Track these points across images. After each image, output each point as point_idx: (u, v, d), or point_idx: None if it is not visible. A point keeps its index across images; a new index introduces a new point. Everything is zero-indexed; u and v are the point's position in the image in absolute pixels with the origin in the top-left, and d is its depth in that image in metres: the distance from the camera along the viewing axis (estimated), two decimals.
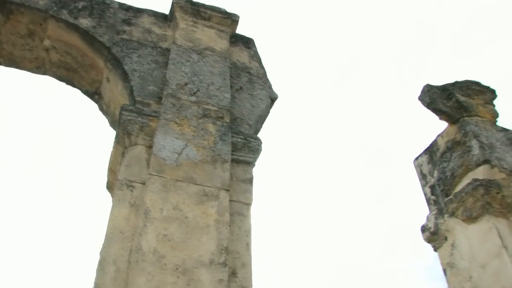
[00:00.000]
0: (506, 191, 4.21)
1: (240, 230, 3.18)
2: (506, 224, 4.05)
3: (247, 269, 3.06)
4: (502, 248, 3.80)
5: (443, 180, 4.74)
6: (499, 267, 3.76)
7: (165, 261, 2.73)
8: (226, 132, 3.48)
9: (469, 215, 4.19)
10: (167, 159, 3.16)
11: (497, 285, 3.74)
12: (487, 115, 4.97)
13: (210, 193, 3.12)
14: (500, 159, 4.49)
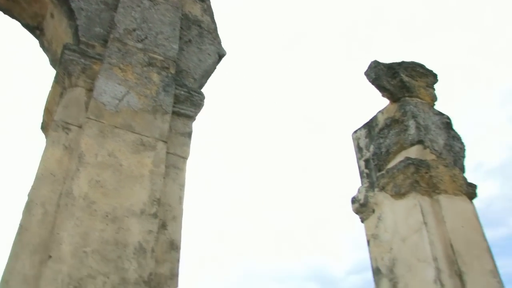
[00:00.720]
0: (434, 172, 4.40)
1: (174, 183, 3.18)
2: (429, 202, 4.26)
3: (178, 223, 3.08)
4: (423, 224, 4.00)
5: (378, 155, 4.90)
6: (417, 241, 3.97)
7: (95, 207, 2.69)
8: (170, 83, 3.42)
9: (398, 191, 4.37)
10: (107, 104, 3.08)
11: (413, 257, 3.95)
12: (426, 98, 5.13)
13: (148, 143, 3.08)
14: (432, 141, 4.67)
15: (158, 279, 2.80)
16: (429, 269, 3.78)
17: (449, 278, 3.83)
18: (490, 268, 4.24)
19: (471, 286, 3.92)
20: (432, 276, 3.74)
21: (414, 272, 3.88)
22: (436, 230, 4.07)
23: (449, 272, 3.88)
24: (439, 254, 3.91)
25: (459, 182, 4.51)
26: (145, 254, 2.70)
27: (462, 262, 4.00)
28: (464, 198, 4.47)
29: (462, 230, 4.23)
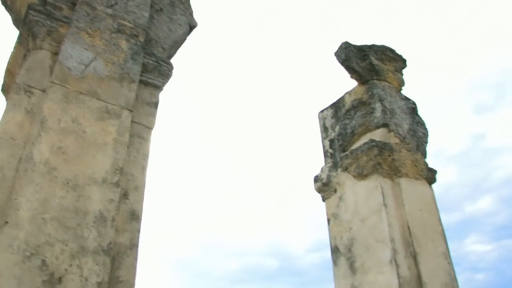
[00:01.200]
0: (396, 155, 4.48)
1: (138, 153, 3.14)
2: (390, 185, 4.35)
3: (140, 193, 3.06)
4: (383, 205, 4.08)
5: (343, 136, 4.94)
6: (376, 222, 4.06)
7: (56, 174, 2.63)
8: (138, 52, 3.35)
9: (360, 172, 4.43)
10: (72, 69, 3.00)
11: (371, 238, 4.04)
12: (394, 82, 5.19)
13: (113, 111, 3.03)
14: (397, 125, 4.74)
15: (117, 249, 2.79)
16: (385, 250, 3.88)
17: (404, 259, 3.95)
18: (443, 250, 4.38)
19: (424, 266, 4.04)
20: (388, 256, 3.84)
21: (371, 252, 3.97)
22: (395, 212, 4.16)
23: (405, 253, 3.99)
24: (396, 235, 4.01)
25: (420, 166, 4.61)
26: (105, 223, 2.68)
27: (417, 244, 4.12)
28: (424, 183, 4.58)
29: (420, 214, 4.34)
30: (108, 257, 2.62)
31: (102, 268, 2.57)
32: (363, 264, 3.99)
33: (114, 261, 2.74)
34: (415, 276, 3.96)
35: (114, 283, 2.70)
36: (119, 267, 2.77)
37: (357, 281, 3.98)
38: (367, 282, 3.90)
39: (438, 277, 4.15)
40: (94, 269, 2.53)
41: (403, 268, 3.87)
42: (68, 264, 2.44)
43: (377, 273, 3.85)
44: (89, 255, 2.53)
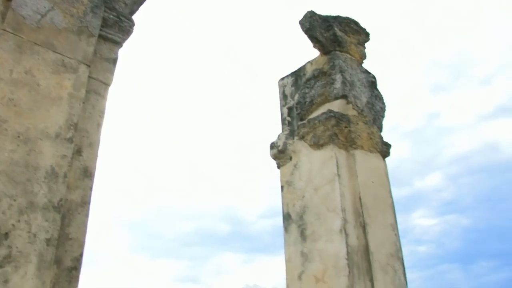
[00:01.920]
0: (353, 127, 4.54)
1: (93, 109, 3.06)
2: (345, 156, 4.42)
3: (94, 150, 3.00)
4: (336, 176, 4.15)
5: (301, 104, 4.96)
6: (329, 192, 4.13)
7: (6, 127, 2.54)
8: (99, 5, 3.21)
9: (317, 141, 4.48)
10: (27, 18, 2.86)
11: (323, 206, 4.12)
12: (356, 55, 5.22)
13: (69, 64, 2.92)
14: (356, 98, 4.79)
15: (68, 205, 2.74)
16: (336, 219, 3.97)
17: (354, 229, 4.05)
18: (391, 222, 4.52)
19: (372, 236, 4.17)
20: (338, 225, 3.93)
21: (322, 220, 4.05)
22: (348, 183, 4.25)
23: (354, 223, 4.10)
24: (347, 205, 4.10)
25: (375, 140, 4.70)
26: (57, 179, 2.62)
27: (367, 215, 4.23)
28: (377, 156, 4.68)
29: (372, 186, 4.44)
30: (58, 214, 2.57)
31: (51, 224, 2.53)
32: (314, 232, 4.08)
33: (65, 218, 2.69)
34: (363, 246, 4.08)
35: (63, 240, 2.67)
36: (70, 224, 2.73)
37: (306, 248, 4.07)
38: (317, 249, 3.99)
39: (384, 248, 4.29)
40: (43, 225, 2.48)
41: (352, 237, 3.98)
42: (16, 220, 2.38)
43: (327, 241, 3.95)
44: (38, 211, 2.48)
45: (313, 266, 3.96)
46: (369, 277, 3.99)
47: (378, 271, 4.07)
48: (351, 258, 3.84)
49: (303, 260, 4.04)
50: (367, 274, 3.99)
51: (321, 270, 3.90)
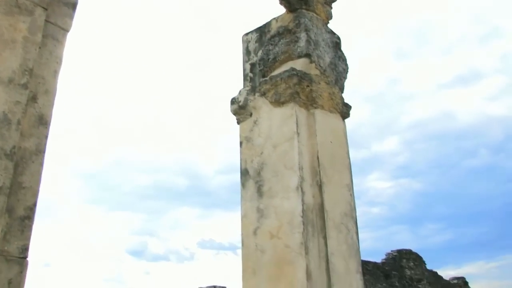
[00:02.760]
0: (315, 87, 4.55)
1: (50, 56, 2.94)
2: (305, 114, 4.44)
3: (50, 97, 2.90)
4: (295, 134, 4.17)
5: (264, 61, 4.92)
6: (287, 149, 4.16)
7: None
8: None
9: (278, 99, 4.46)
10: None
11: (280, 163, 4.16)
12: (322, 15, 5.17)
13: (24, 6, 2.77)
14: (319, 57, 4.77)
15: (22, 153, 2.67)
16: (293, 177, 4.01)
17: (310, 187, 4.12)
18: (347, 182, 4.61)
19: (328, 195, 4.25)
20: (295, 183, 3.98)
21: (279, 177, 4.09)
22: (307, 142, 4.28)
23: (311, 181, 4.16)
24: (305, 164, 4.15)
25: (336, 100, 4.73)
26: (10, 126, 2.54)
27: (324, 174, 4.30)
28: (337, 116, 4.72)
29: (330, 146, 4.50)
30: (11, 162, 2.50)
31: (3, 172, 2.46)
32: (271, 189, 4.12)
33: (18, 167, 2.62)
34: (318, 204, 4.16)
35: (16, 188, 2.60)
36: (23, 172, 2.66)
37: (263, 204, 4.11)
38: (273, 206, 4.04)
39: (339, 207, 4.39)
40: None
41: (308, 195, 4.04)
42: None
43: (283, 198, 4.00)
44: None
45: (269, 222, 4.03)
46: (323, 234, 4.09)
47: (331, 229, 4.18)
48: (306, 216, 3.92)
49: (259, 216, 4.10)
50: (321, 232, 4.09)
51: (276, 226, 3.96)
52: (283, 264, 3.81)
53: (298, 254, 3.76)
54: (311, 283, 3.73)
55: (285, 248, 3.85)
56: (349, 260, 4.33)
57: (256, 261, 3.99)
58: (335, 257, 4.12)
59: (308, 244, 3.83)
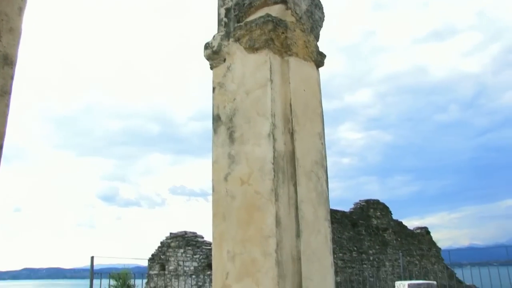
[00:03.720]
0: (290, 34, 4.48)
1: None
2: (279, 61, 4.39)
3: (15, 36, 2.79)
4: (269, 81, 4.14)
5: (240, 6, 4.80)
6: (260, 96, 4.13)
7: None
8: None
9: (252, 45, 4.40)
10: None
11: (253, 111, 4.13)
12: None
13: None
14: (296, 4, 4.68)
15: None
16: (265, 124, 4.01)
17: (282, 134, 4.12)
18: (319, 131, 4.64)
19: (299, 143, 4.27)
20: (267, 130, 3.98)
21: (252, 124, 4.08)
22: (280, 89, 4.26)
23: (283, 129, 4.17)
24: (277, 111, 4.14)
25: (311, 48, 4.68)
26: None
27: (296, 122, 4.30)
28: (312, 65, 4.68)
29: (303, 94, 4.48)
30: None
31: None
32: (242, 135, 4.11)
33: None
34: (290, 152, 4.19)
35: None
36: None
37: (234, 151, 4.12)
38: (244, 152, 4.05)
39: (310, 155, 4.42)
40: None
41: (279, 143, 4.06)
42: None
43: (254, 145, 4.01)
44: None
45: (240, 168, 4.04)
46: (293, 182, 4.14)
47: (302, 177, 4.23)
48: (277, 163, 3.95)
49: (230, 162, 4.11)
50: (291, 179, 4.13)
51: (247, 173, 3.99)
52: (253, 210, 3.86)
53: (268, 201, 3.80)
54: (280, 229, 3.79)
55: (255, 195, 3.88)
56: (318, 207, 4.41)
57: (226, 207, 4.02)
58: (305, 204, 4.19)
59: (278, 191, 3.88)
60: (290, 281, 3.90)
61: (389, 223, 26.40)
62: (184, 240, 21.65)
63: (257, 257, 3.77)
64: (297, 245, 4.02)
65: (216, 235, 4.04)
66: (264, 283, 3.70)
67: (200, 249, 20.75)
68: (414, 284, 11.49)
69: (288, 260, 3.90)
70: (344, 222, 22.67)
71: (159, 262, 22.37)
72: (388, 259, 24.56)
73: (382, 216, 25.99)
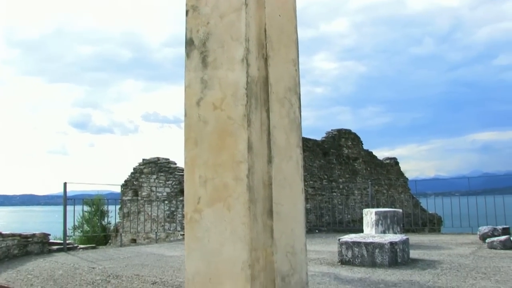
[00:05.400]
0: None
1: None
2: None
3: None
4: (244, 4, 3.99)
5: None
6: (234, 20, 4.01)
7: None
8: None
9: None
10: None
11: (227, 35, 4.02)
12: None
13: None
14: None
15: None
16: (239, 48, 3.91)
17: (256, 60, 4.05)
18: (293, 57, 4.58)
19: (273, 69, 4.22)
20: (241, 55, 3.89)
21: (225, 49, 3.99)
22: (255, 13, 4.13)
23: (257, 54, 4.09)
24: (252, 36, 4.04)
25: None
26: None
27: (271, 48, 4.23)
28: None
29: (279, 19, 4.38)
30: None
31: None
32: (216, 60, 4.02)
33: None
34: (263, 77, 4.14)
35: None
36: None
37: (207, 75, 4.04)
38: (217, 77, 3.98)
39: (283, 81, 4.39)
40: None
41: (253, 68, 3.99)
42: None
43: (228, 70, 3.93)
44: None
45: (212, 93, 3.99)
46: (266, 108, 4.12)
47: (275, 103, 4.21)
48: (250, 88, 3.90)
49: (203, 87, 4.04)
50: (264, 105, 4.11)
51: (219, 98, 3.94)
52: (225, 135, 3.85)
53: (240, 126, 3.79)
54: (252, 155, 3.81)
55: (227, 120, 3.86)
56: (290, 134, 4.43)
57: (198, 132, 4.00)
58: (277, 130, 4.20)
59: (251, 116, 3.86)
60: (261, 206, 3.97)
61: (360, 153, 26.92)
62: (157, 166, 21.76)
63: (228, 182, 3.80)
64: (269, 171, 4.07)
65: (188, 160, 4.04)
66: (235, 207, 3.76)
67: (173, 175, 20.94)
68: (381, 212, 11.91)
69: (259, 185, 3.95)
70: (316, 150, 23.01)
71: (132, 188, 22.56)
72: (357, 187, 25.26)
73: (353, 146, 26.45)
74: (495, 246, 10.12)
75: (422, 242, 11.90)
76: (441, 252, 9.60)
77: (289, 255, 4.22)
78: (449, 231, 16.27)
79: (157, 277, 7.33)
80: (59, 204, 13.19)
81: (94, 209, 25.62)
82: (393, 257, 7.73)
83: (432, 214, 23.61)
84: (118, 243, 16.69)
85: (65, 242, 12.03)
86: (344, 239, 8.26)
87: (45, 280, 7.40)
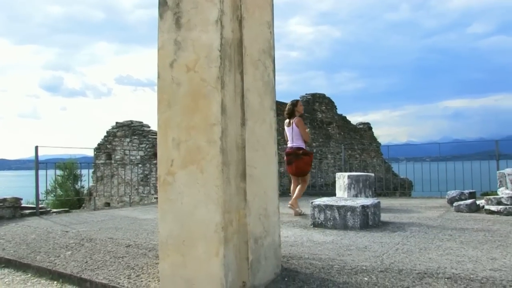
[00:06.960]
0: None
1: None
2: None
3: None
4: None
5: None
6: None
7: None
8: None
9: None
10: None
11: None
12: None
13: None
14: None
15: None
16: (213, 10, 3.84)
17: (230, 21, 4.00)
18: (268, 20, 4.53)
19: (247, 31, 4.17)
20: (215, 16, 3.82)
21: (199, 9, 3.91)
22: None
23: (231, 16, 4.03)
24: None
25: None
26: None
27: (245, 9, 4.17)
28: None
29: None
30: None
31: None
32: (189, 21, 3.95)
33: None
34: (237, 39, 4.09)
35: None
36: None
37: (180, 37, 3.97)
38: (191, 38, 3.92)
39: (258, 43, 4.35)
40: None
41: (227, 30, 3.94)
42: None
43: (202, 31, 3.87)
44: None
45: (186, 55, 3.93)
46: (240, 70, 4.09)
47: (249, 66, 4.17)
48: (224, 50, 3.86)
49: (176, 49, 3.98)
50: (238, 67, 4.08)
51: (193, 60, 3.89)
52: (199, 97, 3.82)
53: (214, 88, 3.76)
54: (225, 117, 3.80)
55: (201, 82, 3.83)
56: (264, 97, 4.42)
57: (171, 94, 3.96)
58: (251, 93, 4.19)
59: (225, 78, 3.83)
60: (234, 168, 3.98)
61: (334, 117, 27.09)
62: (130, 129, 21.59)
63: (202, 145, 3.79)
64: (242, 133, 4.07)
65: (161, 122, 4.01)
66: (208, 170, 3.76)
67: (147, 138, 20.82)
68: (353, 176, 12.08)
69: (232, 147, 3.95)
70: None
71: (105, 152, 22.38)
72: (330, 152, 25.51)
73: (327, 110, 26.59)
74: (462, 209, 10.40)
75: (393, 206, 12.15)
76: (410, 216, 9.82)
77: (262, 217, 4.27)
78: (419, 195, 16.66)
79: (131, 240, 7.35)
80: (31, 169, 13.00)
81: (67, 173, 25.40)
82: (364, 220, 7.89)
83: (403, 179, 24.09)
84: (92, 207, 16.63)
85: (37, 206, 11.91)
86: (317, 202, 8.38)
87: (18, 244, 7.36)
